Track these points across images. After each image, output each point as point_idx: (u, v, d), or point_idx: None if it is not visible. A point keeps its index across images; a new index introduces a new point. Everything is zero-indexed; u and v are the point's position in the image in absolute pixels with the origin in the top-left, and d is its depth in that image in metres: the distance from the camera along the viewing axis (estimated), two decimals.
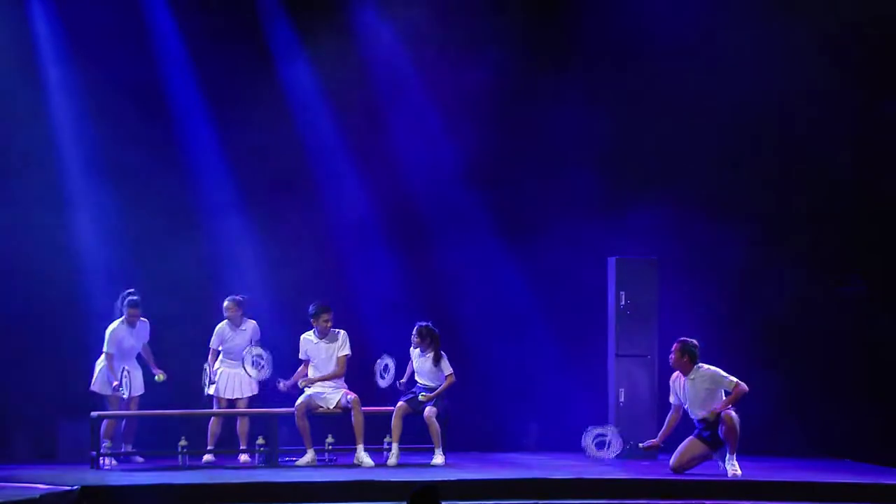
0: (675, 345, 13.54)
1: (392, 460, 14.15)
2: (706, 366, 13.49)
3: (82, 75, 15.66)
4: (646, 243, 15.70)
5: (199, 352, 14.75)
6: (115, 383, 14.25)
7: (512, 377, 16.42)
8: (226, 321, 14.69)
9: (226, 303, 14.64)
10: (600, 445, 14.18)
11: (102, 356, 14.45)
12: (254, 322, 14.75)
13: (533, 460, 14.93)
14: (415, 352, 14.42)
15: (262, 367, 14.44)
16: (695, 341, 13.53)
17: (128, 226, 15.70)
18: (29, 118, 15.52)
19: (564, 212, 16.19)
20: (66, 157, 15.75)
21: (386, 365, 14.42)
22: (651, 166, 16.28)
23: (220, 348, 14.70)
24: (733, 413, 13.25)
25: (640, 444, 14.04)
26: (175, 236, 15.60)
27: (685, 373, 13.49)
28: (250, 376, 14.44)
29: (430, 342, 14.29)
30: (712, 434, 13.41)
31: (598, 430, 14.22)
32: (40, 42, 15.70)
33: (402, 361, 14.47)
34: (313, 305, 14.30)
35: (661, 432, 13.79)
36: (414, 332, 14.35)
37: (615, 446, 14.19)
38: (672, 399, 13.70)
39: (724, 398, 13.42)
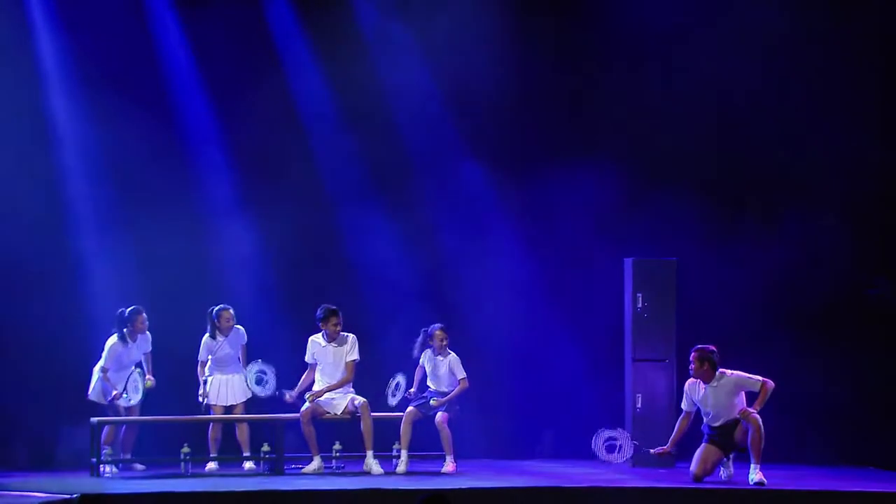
0: (693, 353, 13.42)
1: (401, 468, 13.94)
2: (728, 371, 13.36)
3: (82, 71, 15.54)
4: (664, 243, 15.53)
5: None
6: (115, 392, 14.09)
7: (525, 382, 16.24)
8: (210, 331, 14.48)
9: (225, 314, 14.39)
10: (611, 449, 13.99)
11: (101, 363, 14.28)
12: (240, 327, 14.53)
13: (547, 468, 14.78)
14: (427, 355, 14.19)
15: (267, 382, 14.31)
16: (712, 347, 13.39)
17: (127, 228, 15.55)
18: (27, 119, 15.38)
19: (579, 211, 16.04)
20: (66, 160, 15.62)
21: (398, 383, 14.25)
22: (667, 164, 16.11)
23: (208, 358, 14.47)
24: (759, 417, 13.10)
25: (651, 450, 13.87)
26: (175, 239, 15.43)
27: (707, 381, 13.36)
28: (256, 393, 14.35)
29: (444, 344, 14.07)
30: (725, 437, 13.27)
31: (609, 434, 14.06)
32: (39, 39, 15.56)
33: (411, 368, 14.28)
34: (321, 309, 14.09)
35: (671, 438, 13.69)
36: (427, 335, 14.14)
37: (626, 451, 14.04)
38: (684, 405, 13.60)
39: (743, 400, 13.28)
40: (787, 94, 16.12)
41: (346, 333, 14.09)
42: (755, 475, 13.01)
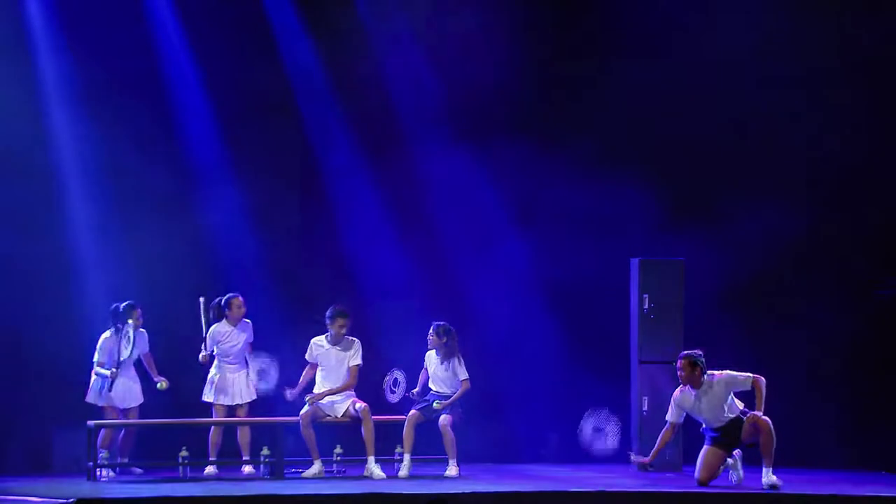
0: (680, 361, 13.28)
1: (404, 472, 13.85)
2: (716, 373, 13.22)
3: (77, 66, 15.51)
4: (671, 243, 15.46)
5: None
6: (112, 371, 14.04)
7: (530, 384, 16.21)
8: (218, 322, 14.35)
9: (235, 301, 14.26)
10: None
11: (95, 358, 14.27)
12: (248, 321, 14.45)
13: (552, 472, 14.73)
14: (430, 353, 14.09)
15: (270, 376, 14.27)
16: (699, 351, 13.30)
17: (124, 229, 15.52)
18: (23, 120, 15.33)
19: (585, 211, 15.99)
20: (63, 161, 15.57)
21: (395, 379, 14.13)
22: (673, 164, 16.07)
23: (214, 351, 14.33)
24: (768, 419, 12.96)
25: (631, 456, 13.73)
26: (173, 240, 15.41)
27: (696, 386, 13.22)
28: (258, 388, 14.28)
29: (447, 343, 13.95)
30: (728, 438, 13.16)
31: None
32: (34, 33, 15.54)
33: (414, 369, 14.17)
34: (331, 308, 13.98)
35: (653, 451, 13.49)
36: (430, 331, 14.05)
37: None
38: (671, 416, 13.44)
39: (734, 399, 13.18)
40: (790, 94, 16.06)
41: (350, 337, 14.00)
42: (769, 478, 12.88)
